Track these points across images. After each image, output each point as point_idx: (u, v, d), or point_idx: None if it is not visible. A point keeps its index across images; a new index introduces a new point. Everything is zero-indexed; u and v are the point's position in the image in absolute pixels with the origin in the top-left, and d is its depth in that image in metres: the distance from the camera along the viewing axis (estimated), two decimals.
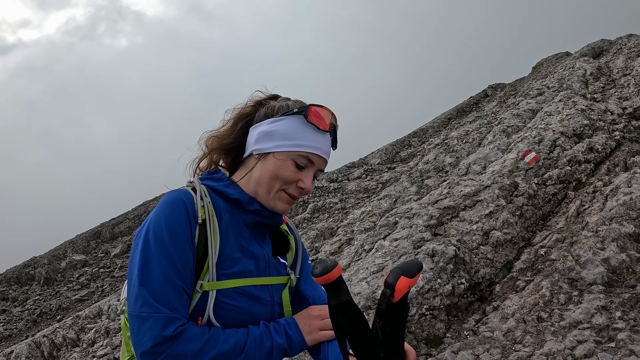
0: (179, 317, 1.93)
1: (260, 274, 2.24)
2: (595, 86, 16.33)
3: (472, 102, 29.18)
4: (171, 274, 1.96)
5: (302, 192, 2.27)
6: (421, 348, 7.28)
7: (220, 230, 2.16)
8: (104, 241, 33.15)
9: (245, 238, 2.25)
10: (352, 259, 10.32)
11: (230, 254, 2.14)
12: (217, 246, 2.10)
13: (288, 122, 2.26)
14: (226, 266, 2.11)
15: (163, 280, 1.94)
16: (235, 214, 2.25)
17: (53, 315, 23.10)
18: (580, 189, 10.10)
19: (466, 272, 8.22)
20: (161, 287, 1.94)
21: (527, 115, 15.27)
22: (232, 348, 1.99)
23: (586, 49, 23.17)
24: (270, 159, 2.24)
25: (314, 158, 2.25)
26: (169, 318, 1.90)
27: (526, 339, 6.67)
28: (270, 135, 2.25)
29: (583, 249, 7.90)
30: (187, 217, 2.08)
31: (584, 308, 6.74)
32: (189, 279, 2.02)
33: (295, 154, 2.22)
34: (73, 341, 14.94)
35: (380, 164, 22.24)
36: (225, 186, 2.28)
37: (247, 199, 2.25)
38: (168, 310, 1.92)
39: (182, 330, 1.92)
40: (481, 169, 11.80)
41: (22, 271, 30.12)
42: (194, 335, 1.94)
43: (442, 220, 9.58)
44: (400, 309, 1.61)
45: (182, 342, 1.91)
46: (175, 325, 1.91)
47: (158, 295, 1.93)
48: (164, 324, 1.89)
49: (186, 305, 2.00)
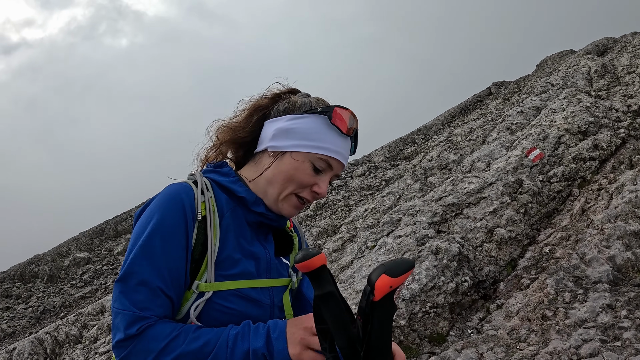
0: (148, 316, 1.84)
1: (261, 276, 2.11)
2: (599, 84, 16.27)
3: (476, 99, 29.12)
4: (149, 275, 1.87)
5: (316, 196, 2.16)
6: (424, 346, 7.25)
7: (221, 229, 2.04)
8: (107, 239, 33.18)
9: (247, 237, 2.12)
10: (355, 256, 10.29)
11: (230, 254, 2.02)
12: (216, 245, 1.99)
13: (310, 121, 2.13)
14: (225, 267, 2.00)
15: (138, 280, 1.86)
16: (237, 211, 2.13)
17: (56, 313, 23.12)
18: (585, 187, 10.05)
19: (470, 269, 8.18)
20: (134, 286, 1.86)
21: (532, 112, 15.22)
22: (199, 348, 1.83)
23: (590, 47, 23.10)
24: (287, 159, 2.11)
25: (334, 163, 2.14)
26: (135, 317, 1.82)
27: (531, 338, 6.63)
28: (290, 132, 2.12)
29: (588, 247, 7.85)
30: (183, 214, 1.96)
31: (589, 306, 6.70)
32: (173, 280, 1.91)
33: (314, 156, 2.10)
34: (76, 338, 14.97)
35: (384, 161, 22.18)
36: (232, 182, 2.15)
37: (253, 199, 2.13)
38: (137, 309, 1.83)
39: (147, 327, 1.83)
40: (485, 166, 11.76)
41: (25, 268, 30.17)
42: (160, 333, 1.83)
43: (445, 218, 9.54)
44: (383, 308, 1.52)
45: (145, 340, 1.82)
46: (140, 324, 1.82)
47: (130, 293, 1.85)
48: (129, 322, 1.82)
49: (164, 305, 1.90)
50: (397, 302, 7.11)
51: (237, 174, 2.21)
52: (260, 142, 2.22)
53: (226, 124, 2.30)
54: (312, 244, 14.53)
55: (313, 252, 1.57)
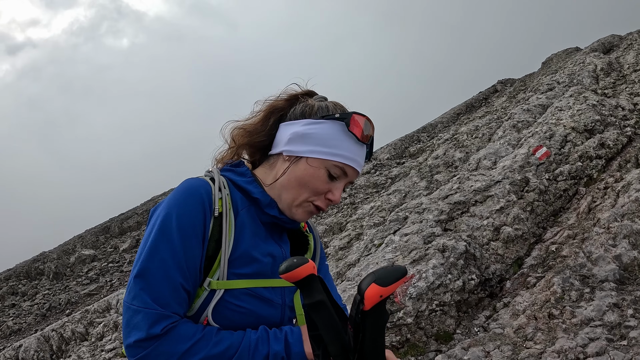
0: (170, 314, 1.82)
1: (274, 275, 2.07)
2: (606, 82, 16.24)
3: (482, 97, 29.10)
4: (171, 269, 1.84)
5: (329, 204, 2.16)
6: (431, 344, 7.26)
7: (236, 226, 2.02)
8: (112, 236, 33.26)
9: (261, 236, 2.11)
10: (361, 254, 10.29)
11: (245, 252, 2.01)
12: (231, 242, 1.97)
13: (327, 127, 2.10)
14: (238, 265, 1.99)
15: (161, 275, 1.82)
16: (252, 210, 2.12)
17: (62, 310, 23.17)
18: (592, 185, 10.04)
19: (477, 267, 8.19)
20: (157, 282, 1.82)
21: (538, 110, 15.20)
22: (223, 352, 1.84)
23: (596, 44, 23.05)
24: (302, 164, 2.09)
25: (349, 170, 2.12)
26: (159, 315, 1.79)
27: (537, 336, 6.63)
28: (306, 138, 2.10)
29: (594, 245, 7.85)
30: (202, 209, 1.94)
31: (596, 305, 6.70)
32: (192, 276, 1.90)
33: (330, 164, 2.08)
34: (82, 335, 15.00)
35: (389, 159, 22.18)
36: (247, 183, 2.14)
37: (267, 201, 2.12)
38: (159, 306, 1.80)
39: (171, 327, 1.80)
40: (491, 164, 11.76)
41: (31, 266, 30.26)
42: (184, 334, 1.81)
43: (452, 216, 9.54)
44: (373, 318, 1.49)
45: (169, 341, 1.79)
46: (165, 323, 1.79)
47: (152, 290, 1.81)
48: (153, 321, 1.78)
49: (183, 303, 1.89)
50: (404, 300, 7.11)
51: (253, 174, 2.19)
52: (275, 144, 2.21)
53: (242, 125, 2.28)
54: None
55: (298, 262, 1.53)
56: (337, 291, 2.45)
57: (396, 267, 1.47)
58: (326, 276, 2.44)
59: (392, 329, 7.30)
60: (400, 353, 7.12)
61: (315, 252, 2.44)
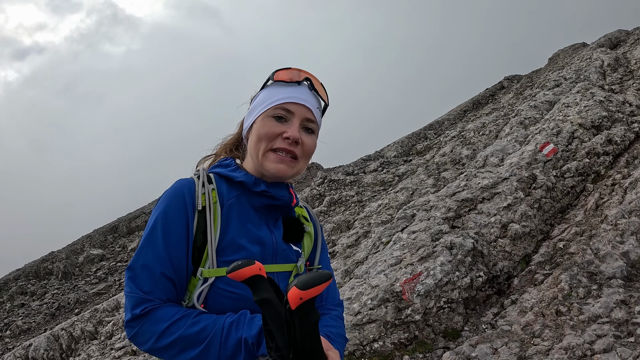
0: (151, 299, 2.04)
1: (266, 261, 2.21)
2: (613, 77, 16.19)
3: (488, 94, 29.05)
4: (151, 261, 2.07)
5: (289, 142, 2.25)
6: (439, 341, 7.28)
7: (222, 217, 2.18)
8: (121, 235, 33.31)
9: (254, 222, 2.26)
10: (369, 251, 10.31)
11: (233, 240, 2.16)
12: (217, 233, 2.13)
13: (262, 93, 2.36)
14: (227, 253, 2.13)
15: (141, 266, 2.07)
16: (242, 198, 2.28)
17: (71, 309, 23.23)
18: (599, 182, 10.03)
19: (484, 265, 8.20)
20: (139, 272, 2.07)
21: (545, 106, 15.18)
22: (196, 333, 1.98)
23: (603, 40, 22.98)
24: (254, 127, 2.31)
25: (291, 107, 2.27)
26: (140, 299, 2.03)
27: (545, 333, 6.64)
28: (251, 110, 2.38)
29: (602, 242, 7.84)
30: (183, 206, 2.15)
31: (603, 302, 6.71)
32: (176, 266, 2.09)
33: (270, 110, 2.27)
34: (91, 334, 15.04)
35: (397, 156, 22.18)
36: (231, 171, 2.32)
37: (252, 181, 2.27)
38: (142, 292, 2.04)
39: (152, 309, 2.03)
40: (499, 161, 11.75)
41: (40, 266, 30.34)
42: (163, 316, 2.01)
43: (460, 213, 9.55)
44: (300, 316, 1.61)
45: (150, 322, 2.01)
46: (145, 305, 2.02)
47: (136, 279, 2.06)
48: (134, 304, 2.03)
49: (167, 289, 2.08)
50: (412, 297, 7.12)
51: (237, 164, 2.39)
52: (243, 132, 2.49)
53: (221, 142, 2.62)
54: (326, 240, 14.54)
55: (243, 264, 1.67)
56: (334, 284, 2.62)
57: (320, 273, 1.57)
58: (326, 267, 2.59)
59: (399, 326, 7.32)
60: (408, 350, 7.13)
61: (317, 241, 2.56)
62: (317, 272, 1.58)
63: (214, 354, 1.96)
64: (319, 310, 2.18)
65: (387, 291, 7.61)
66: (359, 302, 7.66)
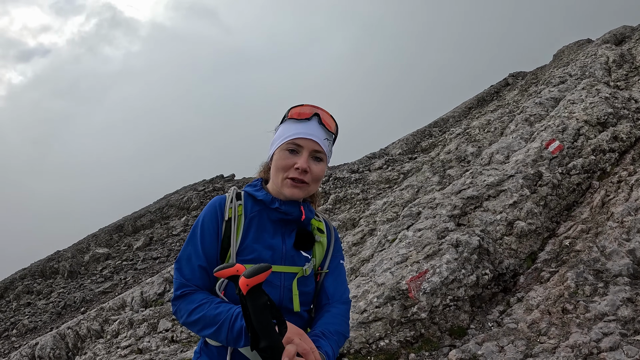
0: (189, 284, 2.66)
1: (275, 262, 2.69)
2: (618, 74, 16.15)
3: (493, 90, 29.00)
4: (192, 255, 2.71)
5: (300, 172, 2.70)
6: (445, 339, 7.28)
7: (244, 226, 2.74)
8: (126, 234, 33.37)
9: (270, 232, 2.77)
10: (375, 249, 10.31)
11: (249, 245, 2.70)
12: (238, 239, 2.70)
13: (279, 129, 2.85)
14: (244, 254, 2.67)
15: (185, 259, 2.72)
16: (263, 213, 2.80)
17: (77, 308, 23.28)
18: (605, 179, 9.99)
19: (490, 262, 8.19)
20: (183, 263, 2.72)
21: (550, 103, 15.15)
22: (214, 316, 2.50)
23: (608, 36, 22.92)
24: (274, 158, 2.79)
25: (301, 142, 2.71)
26: (180, 283, 2.67)
27: (551, 331, 6.64)
28: (272, 142, 2.86)
29: (608, 240, 7.83)
30: (215, 216, 2.77)
31: (610, 300, 6.70)
32: (210, 259, 2.70)
33: (284, 145, 2.73)
34: (97, 332, 15.08)
35: (401, 154, 22.16)
36: (255, 190, 2.87)
37: (269, 199, 2.79)
38: (182, 278, 2.67)
39: (188, 293, 2.64)
40: (504, 158, 11.73)
41: (46, 265, 30.42)
42: (195, 298, 2.60)
43: (465, 210, 9.54)
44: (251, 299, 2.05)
45: (186, 301, 2.62)
46: (184, 289, 2.65)
47: (181, 269, 2.71)
48: (177, 287, 2.68)
49: (202, 278, 2.68)
50: (419, 295, 7.11)
51: (262, 185, 2.94)
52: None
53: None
54: None
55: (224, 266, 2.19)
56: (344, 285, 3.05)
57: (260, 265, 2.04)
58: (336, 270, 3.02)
59: (406, 324, 7.32)
60: (415, 348, 7.14)
61: (329, 250, 3.00)
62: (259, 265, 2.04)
63: (224, 333, 2.47)
64: (324, 307, 2.88)
65: (393, 289, 7.61)
66: (365, 300, 7.67)
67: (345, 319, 2.91)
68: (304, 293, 2.80)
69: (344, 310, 2.94)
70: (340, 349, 2.83)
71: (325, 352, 2.51)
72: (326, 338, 2.64)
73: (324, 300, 2.92)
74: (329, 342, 2.62)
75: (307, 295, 2.84)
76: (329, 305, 2.90)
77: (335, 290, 2.95)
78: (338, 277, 3.00)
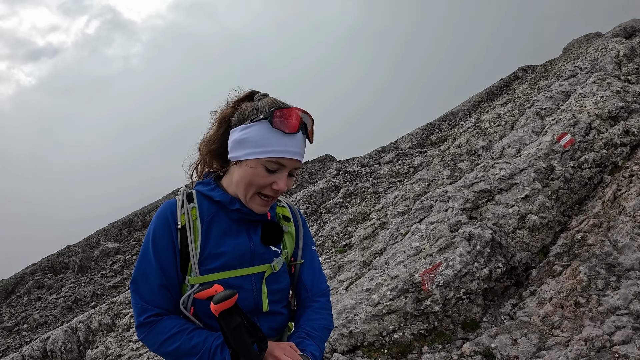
0: (151, 308, 2.42)
1: (244, 265, 2.52)
2: (629, 67, 16.08)
3: (503, 84, 28.95)
4: (148, 274, 2.45)
5: (277, 192, 2.48)
6: (458, 332, 7.30)
7: (202, 232, 2.50)
8: (136, 229, 33.49)
9: (233, 233, 2.55)
10: (387, 242, 10.34)
11: (212, 251, 2.47)
12: (197, 247, 2.45)
13: (256, 128, 2.39)
14: (208, 262, 2.46)
15: (141, 279, 2.46)
16: (221, 213, 2.56)
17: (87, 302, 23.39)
18: (617, 173, 9.97)
19: (503, 256, 8.20)
20: (139, 285, 2.46)
21: (560, 97, 15.11)
22: (189, 348, 2.35)
23: (618, 29, 22.82)
24: (244, 166, 2.44)
25: (284, 161, 2.40)
26: (142, 308, 2.43)
27: (564, 324, 6.65)
28: (242, 143, 2.43)
29: (620, 234, 7.83)
30: (167, 225, 2.48)
31: (622, 294, 6.71)
32: (169, 277, 2.46)
33: (264, 160, 2.38)
34: (108, 326, 15.15)
35: (411, 148, 22.16)
36: (210, 190, 2.59)
37: (228, 200, 2.54)
38: (143, 302, 2.43)
39: (154, 320, 2.42)
40: (516, 152, 11.72)
41: (56, 260, 30.56)
42: (164, 327, 2.39)
43: (478, 204, 9.55)
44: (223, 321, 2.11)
45: (154, 331, 2.40)
46: (147, 314, 2.42)
47: (139, 292, 2.46)
48: (139, 312, 2.43)
49: (165, 298, 2.46)
50: (432, 288, 7.15)
51: (216, 182, 2.64)
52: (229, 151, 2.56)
53: (203, 138, 2.68)
54: (342, 231, 14.56)
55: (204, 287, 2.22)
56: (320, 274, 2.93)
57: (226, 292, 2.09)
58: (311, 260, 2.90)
59: (419, 317, 7.35)
60: (428, 341, 7.16)
61: (298, 239, 2.84)
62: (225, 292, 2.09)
63: None
64: (304, 301, 2.79)
65: (407, 282, 7.64)
66: (379, 293, 7.69)
67: (328, 311, 2.82)
68: (277, 291, 2.65)
69: (325, 303, 2.84)
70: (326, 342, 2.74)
71: (310, 353, 2.47)
72: (311, 337, 2.58)
73: (303, 294, 2.81)
74: (313, 340, 2.57)
75: (281, 292, 2.69)
76: (309, 299, 2.80)
77: (313, 281, 2.84)
78: (313, 266, 2.89)
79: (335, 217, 16.08)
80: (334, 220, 15.82)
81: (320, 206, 18.49)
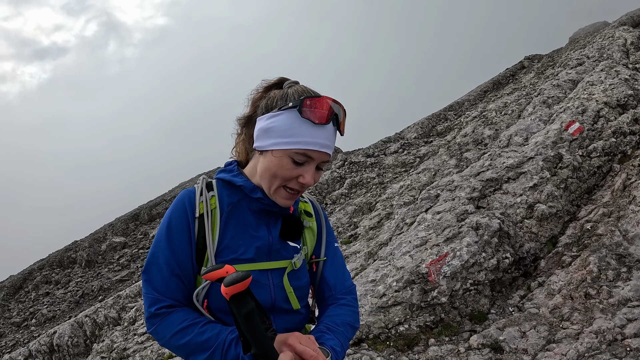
0: (163, 299, 2.29)
1: (261, 259, 2.39)
2: (636, 56, 15.97)
3: (509, 73, 28.88)
4: (162, 264, 2.31)
5: (303, 186, 2.34)
6: (465, 324, 7.21)
7: (221, 222, 2.37)
8: (142, 223, 33.63)
9: (252, 225, 2.41)
10: (393, 232, 10.25)
11: (230, 242, 2.35)
12: (215, 237, 2.33)
13: (284, 117, 2.25)
14: (225, 254, 2.33)
15: (154, 269, 2.33)
16: (242, 203, 2.43)
17: (95, 296, 23.49)
18: (626, 162, 9.84)
19: (511, 246, 8.09)
20: (152, 274, 2.33)
21: (568, 85, 15.02)
22: (201, 342, 2.20)
23: (625, 18, 22.73)
24: (269, 156, 2.29)
25: (312, 154, 2.25)
26: (153, 299, 2.29)
27: (574, 316, 6.55)
28: (268, 132, 2.28)
29: (630, 223, 7.71)
30: (185, 214, 2.36)
31: (633, 285, 6.60)
32: (183, 267, 2.33)
33: (292, 152, 2.24)
34: (114, 320, 15.20)
35: (417, 138, 22.10)
36: (233, 176, 2.46)
37: (250, 187, 2.40)
38: (155, 292, 2.30)
39: (166, 312, 2.28)
40: (523, 140, 11.61)
41: (64, 255, 30.70)
42: (175, 320, 2.26)
43: (485, 193, 9.43)
44: (234, 306, 1.94)
45: (164, 324, 2.27)
46: (158, 305, 2.29)
47: (151, 281, 2.33)
48: (150, 303, 2.30)
49: (177, 288, 2.33)
50: (439, 279, 7.03)
51: (239, 169, 2.51)
52: (254, 140, 2.40)
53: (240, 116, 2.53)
54: (347, 222, 14.55)
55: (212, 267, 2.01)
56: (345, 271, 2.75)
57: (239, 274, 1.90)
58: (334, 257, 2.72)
59: (425, 308, 7.25)
60: (434, 333, 7.07)
61: (321, 235, 2.70)
62: (238, 273, 1.91)
63: None
64: (327, 300, 2.62)
65: (413, 273, 7.53)
66: (384, 284, 7.59)
67: (353, 308, 2.64)
68: (296, 288, 2.49)
69: (350, 300, 2.66)
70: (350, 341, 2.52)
71: (330, 347, 2.27)
72: (331, 332, 2.39)
73: (326, 292, 2.65)
74: (334, 335, 2.38)
75: (300, 290, 2.52)
76: (332, 297, 2.64)
77: (337, 279, 2.67)
78: (337, 264, 2.72)
79: (340, 208, 16.05)
80: (339, 211, 15.79)
81: (325, 197, 18.49)
